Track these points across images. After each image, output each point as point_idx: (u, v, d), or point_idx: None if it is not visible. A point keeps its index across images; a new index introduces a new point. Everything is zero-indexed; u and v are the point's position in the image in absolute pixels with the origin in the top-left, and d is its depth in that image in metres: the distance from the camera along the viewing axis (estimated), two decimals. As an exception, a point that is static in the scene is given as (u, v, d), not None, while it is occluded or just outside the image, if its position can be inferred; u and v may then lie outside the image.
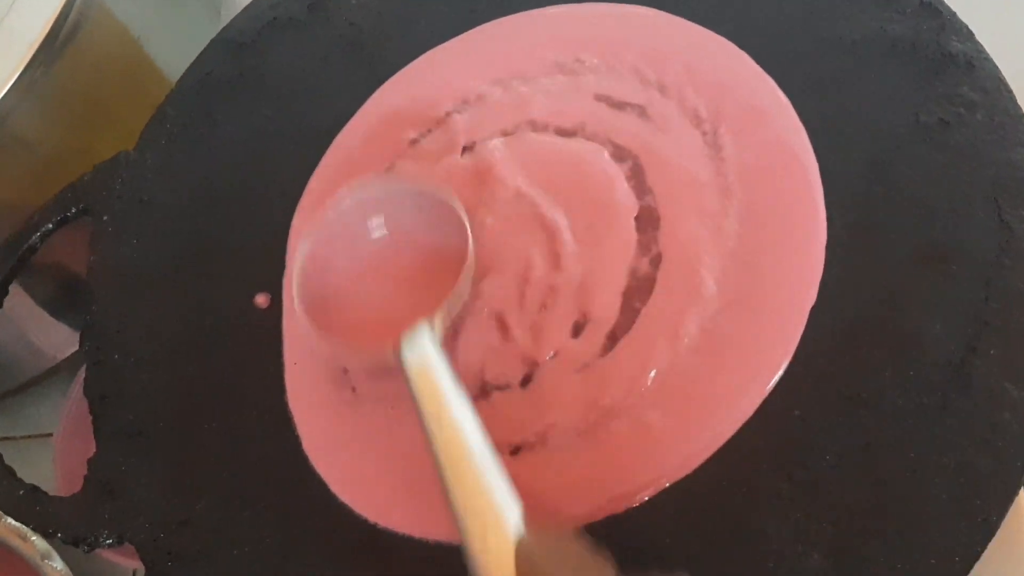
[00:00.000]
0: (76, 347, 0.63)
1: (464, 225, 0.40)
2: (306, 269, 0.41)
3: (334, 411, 0.42)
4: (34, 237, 0.48)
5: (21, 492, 0.43)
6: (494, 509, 0.33)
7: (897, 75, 0.41)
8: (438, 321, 0.38)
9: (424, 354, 0.37)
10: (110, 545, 0.41)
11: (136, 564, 0.50)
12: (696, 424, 0.37)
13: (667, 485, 0.36)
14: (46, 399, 0.66)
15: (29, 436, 0.65)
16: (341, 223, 0.42)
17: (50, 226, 0.49)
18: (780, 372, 0.37)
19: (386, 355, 0.38)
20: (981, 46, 0.41)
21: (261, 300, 0.45)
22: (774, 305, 0.38)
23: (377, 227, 0.42)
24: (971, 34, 0.41)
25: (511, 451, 0.38)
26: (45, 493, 0.43)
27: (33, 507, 0.42)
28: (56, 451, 0.60)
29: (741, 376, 0.37)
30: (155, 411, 0.44)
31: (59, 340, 0.63)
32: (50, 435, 0.61)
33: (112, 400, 0.44)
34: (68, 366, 0.64)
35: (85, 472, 0.43)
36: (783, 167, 0.40)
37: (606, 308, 0.39)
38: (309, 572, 0.39)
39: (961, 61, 0.40)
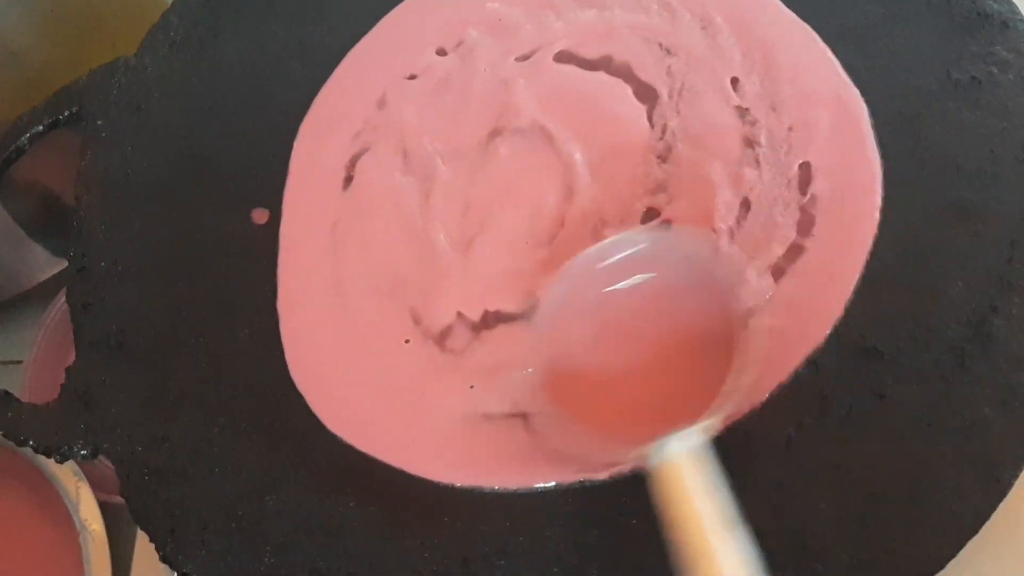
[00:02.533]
0: (51, 272, 0.62)
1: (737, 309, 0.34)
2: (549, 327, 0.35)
3: (324, 337, 0.40)
4: (23, 138, 0.46)
5: (-10, 396, 0.41)
6: None
7: (931, 30, 0.40)
8: (708, 426, 0.32)
9: (687, 474, 0.30)
10: (84, 457, 0.39)
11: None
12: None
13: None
14: (17, 325, 0.64)
15: (-1, 362, 0.63)
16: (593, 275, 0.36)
17: (40, 128, 0.46)
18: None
19: (636, 453, 0.32)
20: (1016, 7, 0.40)
21: (259, 216, 0.43)
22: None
23: (638, 288, 0.36)
24: (1007, -7, 0.40)
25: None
26: (17, 399, 0.41)
27: (4, 412, 0.41)
28: (26, 379, 0.58)
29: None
30: (139, 323, 0.42)
31: (35, 263, 0.61)
32: (20, 362, 0.60)
33: (95, 309, 0.42)
34: (42, 292, 0.62)
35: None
36: (825, 117, 0.39)
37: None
38: (289, 495, 0.37)
39: (996, 20, 0.40)
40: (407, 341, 0.39)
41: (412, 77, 0.44)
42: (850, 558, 0.32)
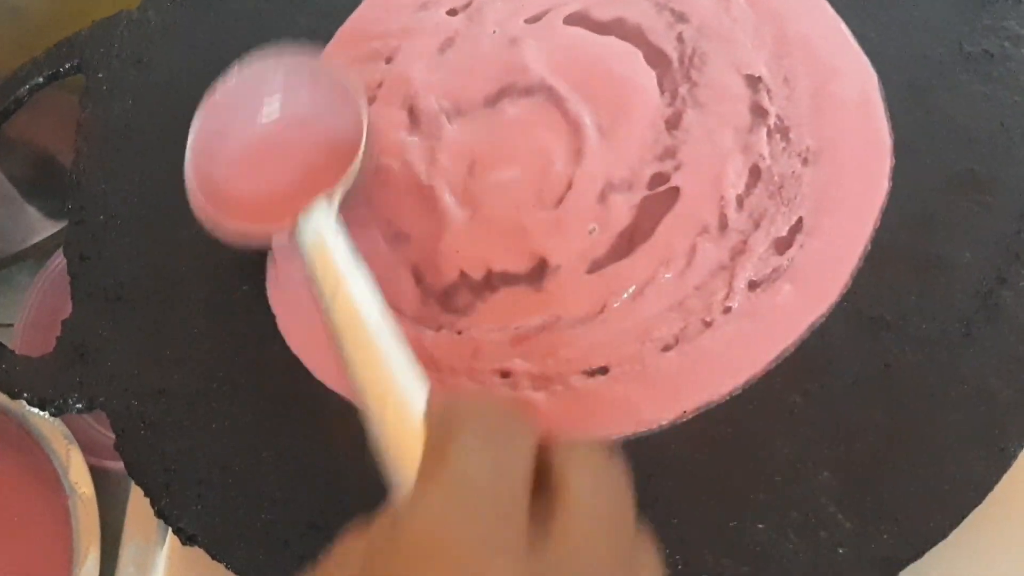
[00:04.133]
0: (45, 234, 0.61)
1: (359, 108, 0.38)
2: (198, 147, 0.39)
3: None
4: (22, 89, 0.45)
5: (-18, 349, 0.41)
6: (396, 387, 0.29)
7: (944, 2, 0.40)
8: (335, 199, 0.36)
9: (320, 232, 0.35)
10: (79, 410, 0.39)
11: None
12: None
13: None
14: (9, 288, 0.63)
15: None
16: (234, 99, 0.40)
17: (40, 80, 0.46)
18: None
19: (282, 234, 0.36)
20: (1031, -18, 0.40)
21: None
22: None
23: (273, 106, 0.40)
24: (1022, -31, 0.40)
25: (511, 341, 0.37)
26: (12, 351, 0.41)
27: (-2, 365, 0.40)
28: (16, 343, 0.57)
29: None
30: (137, 276, 0.42)
31: (28, 225, 0.61)
32: (11, 326, 0.59)
33: (93, 261, 0.42)
34: (35, 253, 0.61)
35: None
36: (836, 87, 0.38)
37: (624, 210, 0.38)
38: (285, 449, 0.37)
39: (1011, -6, 0.39)
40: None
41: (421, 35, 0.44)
42: (853, 526, 0.32)
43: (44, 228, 0.61)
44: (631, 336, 0.36)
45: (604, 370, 0.36)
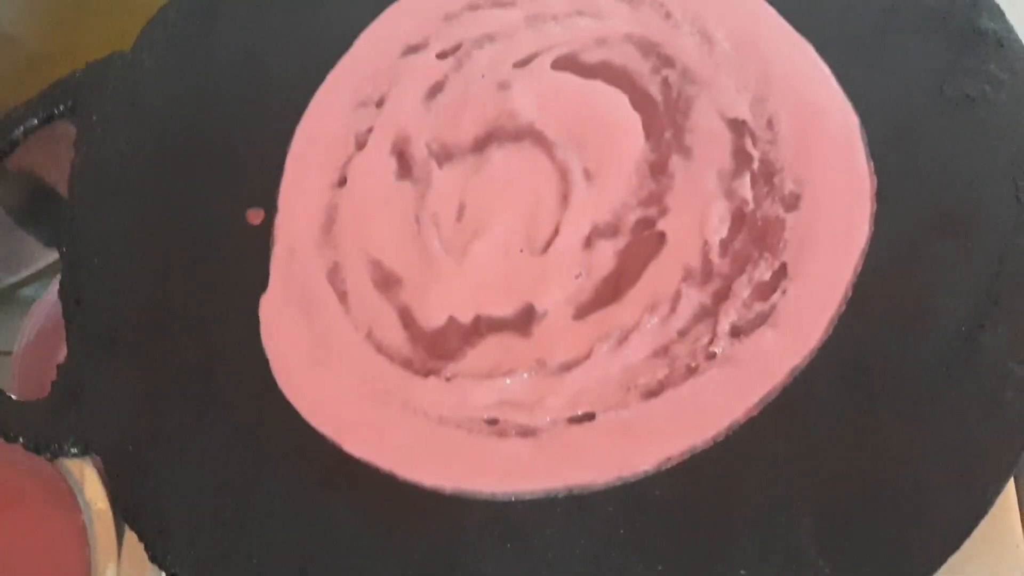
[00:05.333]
0: (43, 262, 0.62)
1: None
2: None
3: (305, 339, 0.40)
4: (17, 131, 0.46)
5: (-19, 394, 0.41)
6: None
7: (926, 46, 0.40)
8: None
9: None
10: (74, 454, 0.40)
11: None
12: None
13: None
14: (7, 315, 0.63)
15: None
16: None
17: (35, 121, 0.46)
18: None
19: None
20: (1011, 26, 0.40)
21: (253, 216, 0.43)
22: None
23: None
24: (1002, 13, 0.40)
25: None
26: (9, 396, 0.42)
27: (-5, 409, 0.41)
28: (16, 370, 0.58)
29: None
30: (130, 320, 0.42)
31: (26, 253, 0.61)
32: (9, 353, 0.59)
33: (86, 304, 0.42)
34: (33, 281, 0.62)
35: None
36: (819, 130, 0.39)
37: (610, 255, 0.38)
38: (277, 496, 0.38)
39: (991, 39, 0.39)
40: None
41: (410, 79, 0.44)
42: (834, 571, 0.32)
43: (43, 256, 0.62)
44: (617, 382, 0.36)
45: (591, 416, 0.36)
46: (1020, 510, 0.37)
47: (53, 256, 0.59)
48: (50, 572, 0.49)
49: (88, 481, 0.49)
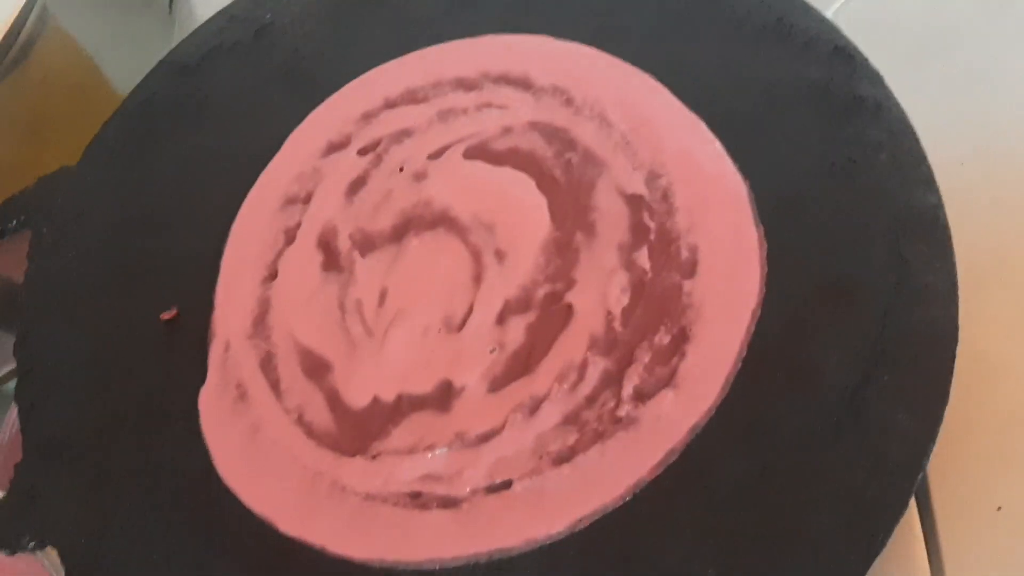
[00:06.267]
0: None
1: None
2: None
3: (241, 427, 0.42)
4: (-26, 246, 0.49)
5: (-55, 495, 0.44)
6: None
7: (810, 115, 0.42)
8: None
9: None
10: (31, 548, 0.42)
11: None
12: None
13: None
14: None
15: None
16: None
17: (-10, 236, 0.50)
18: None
19: None
20: (889, 90, 0.42)
21: (165, 315, 0.46)
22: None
23: None
24: (880, 79, 0.43)
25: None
26: (-33, 499, 0.44)
27: (-43, 510, 0.43)
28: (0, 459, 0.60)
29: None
30: (77, 423, 0.44)
31: (7, 349, 0.64)
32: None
33: (39, 409, 0.45)
34: (13, 376, 0.64)
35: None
36: (711, 199, 0.41)
37: (521, 329, 0.41)
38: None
39: (870, 103, 0.42)
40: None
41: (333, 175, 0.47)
42: (738, 620, 0.34)
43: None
44: (530, 451, 0.38)
45: (507, 484, 0.38)
46: (926, 544, 0.39)
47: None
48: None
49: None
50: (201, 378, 0.44)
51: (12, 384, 0.63)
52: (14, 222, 0.49)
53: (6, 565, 0.50)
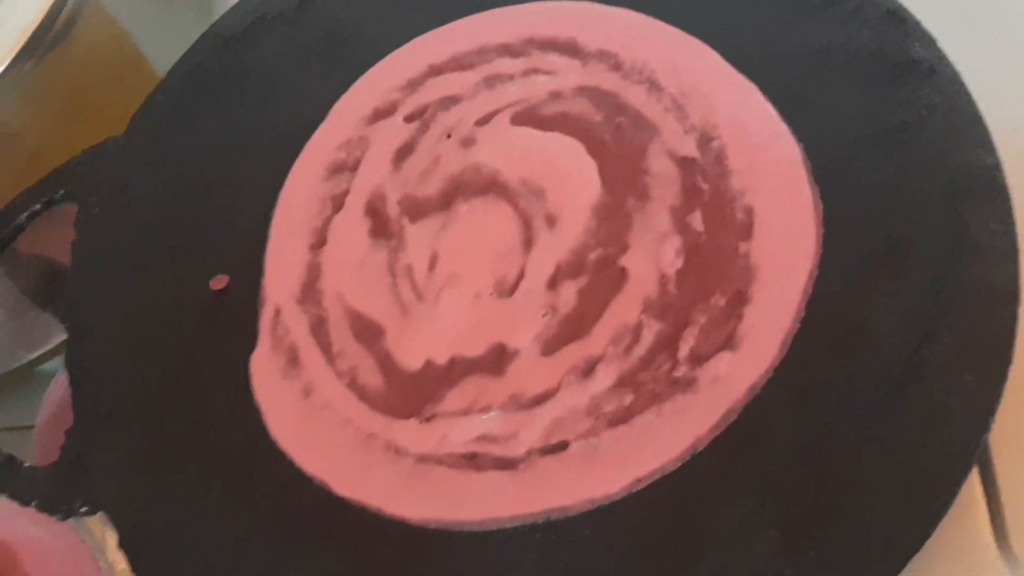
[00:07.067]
0: (62, 336, 0.64)
1: None
2: None
3: (293, 390, 0.42)
4: (20, 217, 0.49)
5: (-5, 461, 0.44)
6: None
7: (863, 79, 0.42)
8: None
9: None
10: (84, 513, 0.42)
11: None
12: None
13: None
14: (29, 390, 0.66)
15: (8, 428, 0.65)
16: None
17: (37, 207, 0.50)
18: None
19: None
20: (943, 52, 0.42)
21: (216, 283, 0.46)
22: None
23: None
24: (933, 41, 0.42)
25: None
26: (20, 462, 0.44)
27: (9, 476, 0.43)
28: (38, 442, 0.60)
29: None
30: (128, 390, 0.44)
31: (43, 330, 0.64)
32: (31, 427, 0.62)
33: (91, 375, 0.45)
34: (52, 356, 0.64)
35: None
36: (765, 161, 0.41)
37: (573, 293, 0.41)
38: (278, 545, 0.39)
39: (923, 66, 0.41)
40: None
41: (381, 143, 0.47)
42: (798, 577, 0.34)
43: (60, 332, 0.64)
44: (585, 412, 0.38)
45: (563, 445, 0.38)
46: (988, 510, 0.38)
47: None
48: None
49: (110, 543, 0.51)
50: (251, 345, 0.44)
51: (50, 364, 0.65)
52: (61, 192, 0.50)
53: (48, 545, 0.51)
